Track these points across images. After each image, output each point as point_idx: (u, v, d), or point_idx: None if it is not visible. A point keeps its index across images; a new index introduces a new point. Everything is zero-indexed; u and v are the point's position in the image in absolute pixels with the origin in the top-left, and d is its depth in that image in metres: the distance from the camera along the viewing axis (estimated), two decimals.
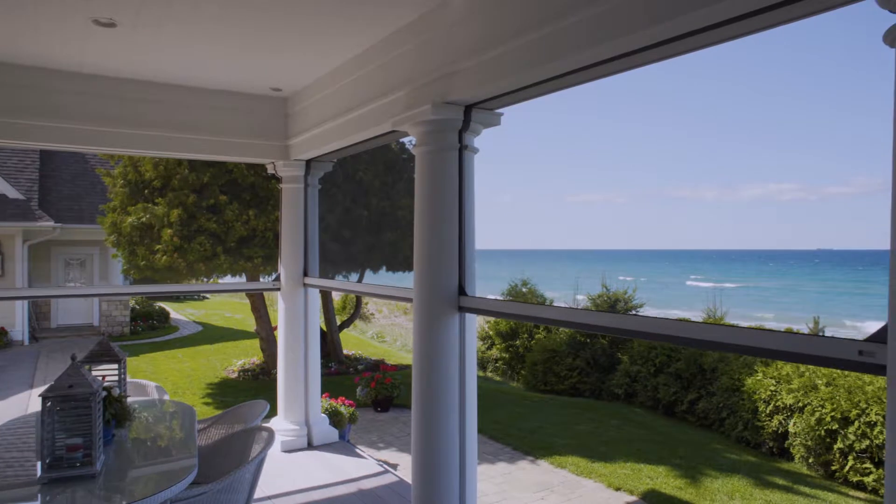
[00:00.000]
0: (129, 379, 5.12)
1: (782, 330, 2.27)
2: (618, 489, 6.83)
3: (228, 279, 9.92)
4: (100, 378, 3.58)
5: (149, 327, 19.20)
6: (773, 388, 9.01)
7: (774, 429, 8.87)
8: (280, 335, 6.88)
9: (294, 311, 6.78)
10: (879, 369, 1.91)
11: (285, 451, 6.61)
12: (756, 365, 9.65)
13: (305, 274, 6.75)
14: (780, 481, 7.53)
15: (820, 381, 8.36)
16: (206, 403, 10.31)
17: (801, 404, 8.44)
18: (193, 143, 6.08)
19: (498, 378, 15.55)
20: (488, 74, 3.43)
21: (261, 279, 12.97)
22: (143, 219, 10.04)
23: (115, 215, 10.55)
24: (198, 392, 11.15)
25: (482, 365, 16.32)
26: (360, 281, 14.57)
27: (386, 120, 4.43)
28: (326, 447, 6.82)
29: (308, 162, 6.56)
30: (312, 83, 5.74)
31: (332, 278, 13.39)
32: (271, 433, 4.05)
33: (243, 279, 13.17)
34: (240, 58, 4.98)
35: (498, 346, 15.84)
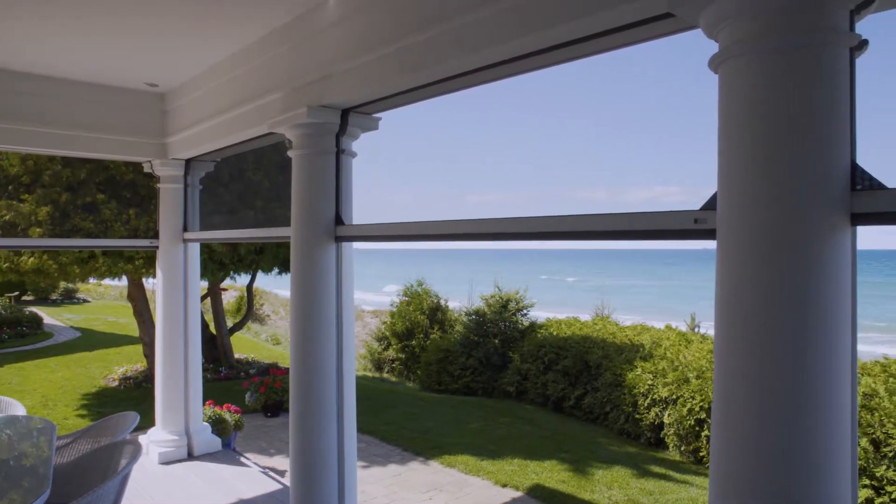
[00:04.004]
0: None
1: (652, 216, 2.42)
2: (504, 485, 7.00)
3: (105, 245, 9.16)
4: None
5: (17, 334, 17.69)
6: (650, 382, 9.53)
7: (652, 421, 9.40)
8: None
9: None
10: (711, 234, 2.05)
11: (163, 463, 6.32)
12: (636, 361, 10.18)
13: (185, 229, 6.45)
14: (656, 469, 7.99)
15: (692, 375, 8.92)
16: (81, 416, 9.66)
17: (674, 396, 8.98)
18: (62, 139, 5.69)
19: (394, 378, 15.54)
20: (364, 79, 3.43)
21: (143, 281, 12.33)
22: (7, 217, 9.28)
23: None
24: (72, 403, 10.43)
25: (378, 366, 16.27)
26: (252, 282, 14.13)
27: (263, 121, 4.32)
28: (208, 457, 6.57)
29: (188, 161, 6.30)
30: (190, 80, 5.51)
31: (221, 279, 12.92)
32: (137, 446, 3.87)
33: (124, 280, 12.47)
34: (108, 48, 4.69)
35: (394, 346, 15.84)
